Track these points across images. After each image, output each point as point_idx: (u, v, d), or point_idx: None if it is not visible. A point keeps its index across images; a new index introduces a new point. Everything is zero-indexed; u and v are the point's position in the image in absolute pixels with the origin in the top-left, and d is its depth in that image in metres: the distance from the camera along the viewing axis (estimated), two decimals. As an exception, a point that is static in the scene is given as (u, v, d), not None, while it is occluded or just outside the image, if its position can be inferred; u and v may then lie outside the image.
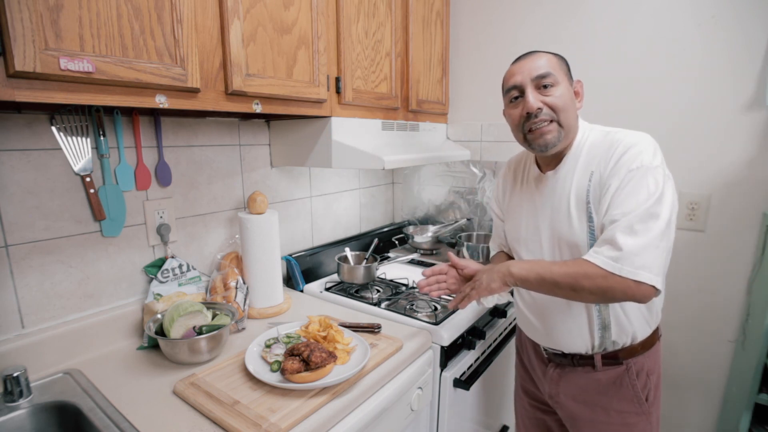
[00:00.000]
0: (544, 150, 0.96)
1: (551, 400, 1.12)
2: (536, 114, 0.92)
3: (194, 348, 1.00)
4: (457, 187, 2.00)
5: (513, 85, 0.96)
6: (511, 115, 0.99)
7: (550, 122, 0.93)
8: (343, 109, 1.33)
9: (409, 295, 1.46)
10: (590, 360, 1.01)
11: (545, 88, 0.93)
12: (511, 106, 0.99)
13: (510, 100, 0.99)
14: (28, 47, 0.66)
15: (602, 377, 1.01)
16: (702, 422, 1.59)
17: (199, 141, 1.29)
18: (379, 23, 1.43)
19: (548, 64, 0.94)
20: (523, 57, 0.99)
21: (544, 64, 0.94)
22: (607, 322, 0.97)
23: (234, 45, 0.97)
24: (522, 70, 0.95)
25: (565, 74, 0.96)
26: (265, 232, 1.29)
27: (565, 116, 0.93)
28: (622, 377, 1.01)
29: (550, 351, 1.08)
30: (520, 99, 0.96)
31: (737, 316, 1.47)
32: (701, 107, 1.44)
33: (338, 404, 0.89)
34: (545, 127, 0.93)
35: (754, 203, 1.40)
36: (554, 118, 0.93)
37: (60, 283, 1.04)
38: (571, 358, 1.04)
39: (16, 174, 0.95)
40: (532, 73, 0.93)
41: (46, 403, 0.88)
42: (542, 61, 0.94)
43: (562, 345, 1.03)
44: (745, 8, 1.33)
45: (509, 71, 0.99)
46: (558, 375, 1.08)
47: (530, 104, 0.92)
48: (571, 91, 0.96)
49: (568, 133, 0.95)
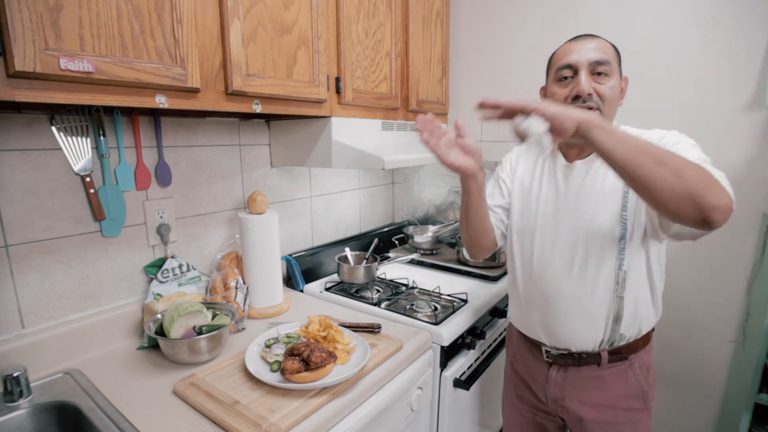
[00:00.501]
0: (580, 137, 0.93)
1: (555, 404, 1.08)
2: (585, 99, 0.90)
3: (194, 348, 1.00)
4: (457, 187, 1.99)
5: (567, 64, 0.93)
6: (555, 93, 0.96)
7: (595, 109, 0.90)
8: (343, 109, 1.33)
9: (409, 295, 1.46)
10: (596, 357, 1.00)
11: (599, 75, 0.91)
12: (559, 84, 0.95)
13: (559, 78, 0.95)
14: (28, 47, 0.66)
15: (607, 375, 1.01)
16: (702, 422, 1.59)
17: (199, 141, 1.29)
18: (379, 23, 1.43)
19: (608, 52, 0.92)
20: (582, 37, 0.95)
21: (605, 50, 0.92)
22: (620, 314, 0.96)
23: (234, 45, 0.97)
24: (580, 50, 0.92)
25: (618, 67, 0.94)
26: (265, 232, 1.29)
27: (609, 108, 0.92)
28: (626, 374, 1.01)
29: (554, 352, 1.05)
30: (570, 80, 0.93)
31: (737, 316, 1.47)
32: (701, 107, 1.44)
33: (338, 404, 0.89)
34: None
35: (754, 203, 1.40)
36: (600, 107, 0.91)
37: (60, 283, 1.04)
38: (577, 357, 1.02)
39: (16, 174, 0.95)
40: (591, 56, 0.91)
41: (46, 403, 0.88)
42: (603, 46, 0.92)
43: (570, 342, 1.01)
44: (745, 8, 1.33)
45: (565, 48, 0.96)
46: (562, 377, 1.05)
47: (582, 87, 0.90)
48: (620, 86, 0.95)
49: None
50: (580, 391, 1.04)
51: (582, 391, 1.03)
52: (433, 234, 1.89)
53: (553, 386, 1.07)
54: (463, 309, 1.34)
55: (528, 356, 1.13)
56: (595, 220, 0.95)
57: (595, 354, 1.00)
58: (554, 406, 1.08)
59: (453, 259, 1.77)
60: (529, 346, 1.12)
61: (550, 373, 1.07)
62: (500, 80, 1.83)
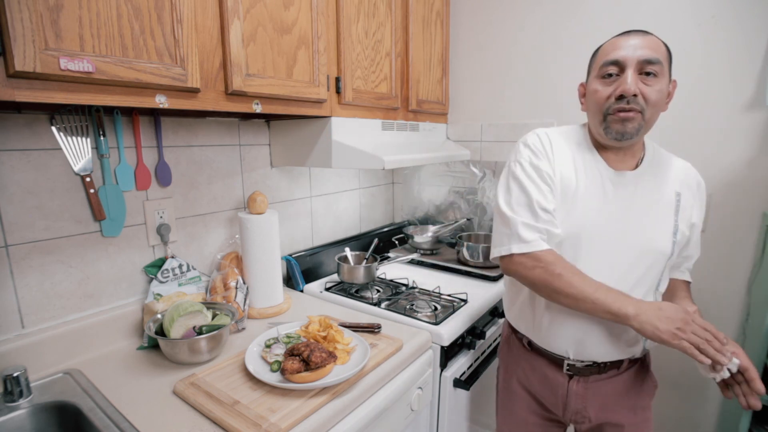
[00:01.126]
0: (619, 139, 0.88)
1: (576, 415, 1.01)
2: (629, 100, 0.84)
3: (194, 348, 1.00)
4: (457, 187, 2.00)
5: (614, 60, 0.86)
6: (597, 91, 0.89)
7: (638, 112, 0.85)
8: (343, 109, 1.33)
9: (409, 295, 1.46)
10: (618, 363, 0.98)
11: (647, 76, 0.84)
12: (603, 81, 0.88)
13: (603, 75, 0.88)
14: (28, 47, 0.66)
15: (626, 377, 1.00)
16: (702, 422, 1.59)
17: (199, 141, 1.29)
18: (379, 23, 1.43)
19: (660, 51, 0.85)
20: (633, 32, 0.87)
21: (657, 49, 0.85)
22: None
23: (234, 45, 0.97)
24: (629, 46, 0.85)
25: (668, 69, 0.88)
26: (265, 232, 1.29)
27: (653, 112, 0.87)
28: (642, 372, 1.01)
29: (579, 365, 0.98)
30: (615, 77, 0.87)
31: (737, 316, 1.47)
32: (701, 107, 1.44)
33: (338, 404, 0.89)
34: (631, 114, 0.85)
35: (754, 203, 1.40)
36: (643, 110, 0.85)
37: (60, 283, 1.04)
38: (603, 366, 0.97)
39: (16, 174, 0.95)
40: (641, 54, 0.84)
41: (46, 403, 0.88)
42: (655, 45, 0.85)
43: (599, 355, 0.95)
44: (745, 8, 1.33)
45: (613, 43, 0.88)
46: (583, 388, 0.99)
47: (628, 87, 0.83)
48: (667, 89, 0.88)
49: (646, 130, 0.89)
50: (601, 398, 1.00)
51: (603, 397, 1.00)
52: (433, 234, 1.89)
53: (574, 398, 1.00)
54: (463, 309, 1.34)
55: (543, 371, 1.04)
56: (649, 236, 0.91)
57: (619, 361, 0.98)
58: (575, 417, 1.03)
59: (453, 259, 1.77)
60: (545, 361, 1.04)
61: (570, 385, 1.00)
62: (500, 80, 1.83)
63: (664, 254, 0.93)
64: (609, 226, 0.91)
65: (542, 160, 0.94)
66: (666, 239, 0.93)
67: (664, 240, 0.92)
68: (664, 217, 0.93)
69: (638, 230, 0.92)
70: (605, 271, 0.90)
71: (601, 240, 0.91)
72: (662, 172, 0.96)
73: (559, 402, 1.03)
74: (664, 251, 0.92)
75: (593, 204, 0.92)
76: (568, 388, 1.00)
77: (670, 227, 0.93)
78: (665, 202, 0.94)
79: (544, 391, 1.06)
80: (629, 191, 0.93)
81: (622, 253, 0.91)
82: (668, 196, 0.94)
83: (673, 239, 0.93)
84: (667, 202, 0.94)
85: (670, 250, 0.93)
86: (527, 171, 0.94)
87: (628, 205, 0.92)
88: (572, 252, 0.92)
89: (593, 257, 0.91)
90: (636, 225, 0.92)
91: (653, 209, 0.93)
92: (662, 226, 0.93)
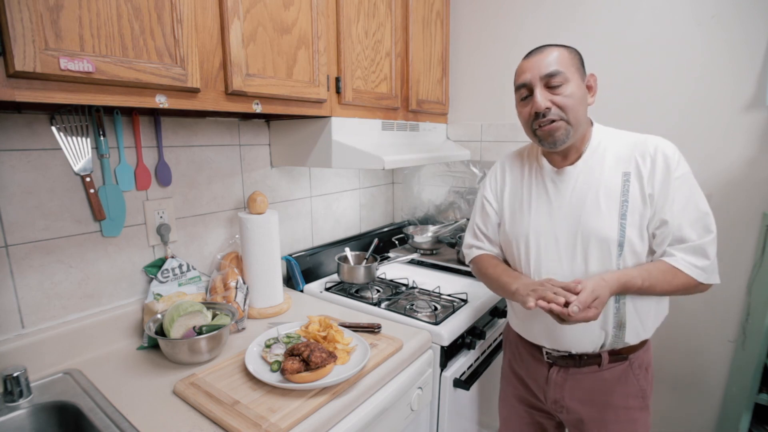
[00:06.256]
0: (553, 147, 0.96)
1: (555, 405, 1.08)
2: (544, 114, 0.92)
3: (194, 348, 1.00)
4: (457, 187, 2.00)
5: (522, 83, 0.96)
6: (521, 113, 0.99)
7: (558, 120, 0.92)
8: (343, 109, 1.33)
9: (409, 295, 1.46)
10: (597, 359, 1.01)
11: (554, 88, 0.92)
12: (522, 104, 0.98)
13: (520, 98, 0.98)
14: (28, 47, 0.66)
15: (608, 375, 1.01)
16: (702, 422, 1.59)
17: (199, 141, 1.29)
18: (379, 23, 1.43)
19: (558, 61, 0.92)
20: (533, 52, 0.96)
21: (554, 60, 0.92)
22: (623, 320, 0.96)
23: (234, 45, 0.97)
24: (531, 67, 0.94)
25: (576, 69, 0.94)
26: (265, 232, 1.29)
27: (574, 114, 0.93)
28: (626, 373, 1.01)
29: (555, 354, 1.05)
30: (529, 98, 0.95)
31: (737, 316, 1.47)
32: (701, 107, 1.44)
33: (338, 404, 0.89)
34: (553, 125, 0.93)
35: (754, 203, 1.40)
36: (563, 117, 0.92)
37: (60, 283, 1.04)
38: (578, 358, 1.02)
39: (16, 174, 0.95)
40: (542, 71, 0.92)
41: (46, 403, 0.88)
42: (552, 58, 0.92)
43: (571, 345, 1.01)
44: (746, 8, 1.33)
45: (519, 67, 0.98)
46: (562, 378, 1.05)
47: (538, 104, 0.92)
48: (582, 87, 0.95)
49: (577, 129, 0.95)
50: (580, 392, 1.04)
51: (582, 391, 1.04)
52: (433, 234, 1.89)
53: (553, 387, 1.07)
54: (463, 309, 1.34)
55: (527, 357, 1.13)
56: (592, 224, 0.95)
57: (596, 355, 1.01)
58: (554, 406, 1.09)
59: (453, 259, 1.77)
60: (528, 347, 1.12)
61: (550, 373, 1.07)
62: (500, 80, 1.83)
63: (611, 240, 0.93)
64: (554, 223, 1.00)
65: (489, 192, 1.16)
66: (611, 225, 0.93)
67: (609, 226, 0.93)
68: (607, 202, 0.94)
69: (579, 221, 0.96)
70: (554, 264, 1.00)
71: (548, 236, 1.00)
72: (606, 158, 0.97)
73: (540, 389, 1.11)
74: (610, 237, 0.93)
75: (539, 206, 1.03)
76: (548, 377, 1.07)
77: (615, 213, 0.93)
78: (609, 186, 0.94)
79: (528, 377, 1.14)
80: (570, 185, 0.99)
81: (570, 246, 0.98)
82: (613, 180, 0.95)
83: (621, 221, 0.93)
84: (611, 186, 0.94)
85: (617, 234, 0.93)
86: (477, 203, 1.20)
87: (569, 199, 0.99)
88: (524, 251, 1.04)
89: (542, 253, 1.01)
90: (577, 216, 0.97)
91: (596, 197, 0.95)
92: (606, 212, 0.94)
